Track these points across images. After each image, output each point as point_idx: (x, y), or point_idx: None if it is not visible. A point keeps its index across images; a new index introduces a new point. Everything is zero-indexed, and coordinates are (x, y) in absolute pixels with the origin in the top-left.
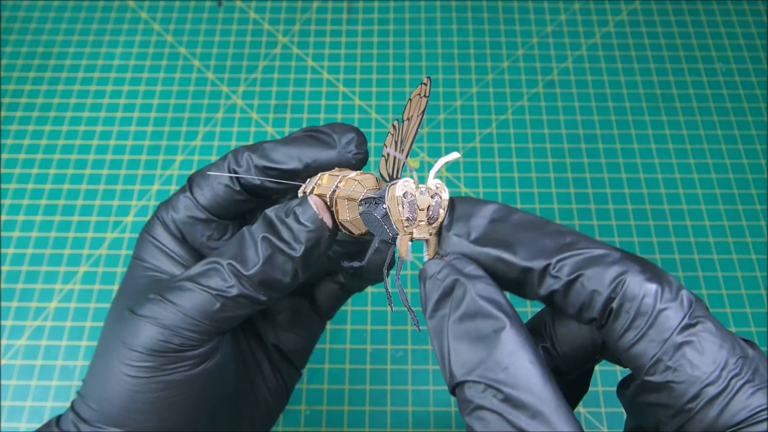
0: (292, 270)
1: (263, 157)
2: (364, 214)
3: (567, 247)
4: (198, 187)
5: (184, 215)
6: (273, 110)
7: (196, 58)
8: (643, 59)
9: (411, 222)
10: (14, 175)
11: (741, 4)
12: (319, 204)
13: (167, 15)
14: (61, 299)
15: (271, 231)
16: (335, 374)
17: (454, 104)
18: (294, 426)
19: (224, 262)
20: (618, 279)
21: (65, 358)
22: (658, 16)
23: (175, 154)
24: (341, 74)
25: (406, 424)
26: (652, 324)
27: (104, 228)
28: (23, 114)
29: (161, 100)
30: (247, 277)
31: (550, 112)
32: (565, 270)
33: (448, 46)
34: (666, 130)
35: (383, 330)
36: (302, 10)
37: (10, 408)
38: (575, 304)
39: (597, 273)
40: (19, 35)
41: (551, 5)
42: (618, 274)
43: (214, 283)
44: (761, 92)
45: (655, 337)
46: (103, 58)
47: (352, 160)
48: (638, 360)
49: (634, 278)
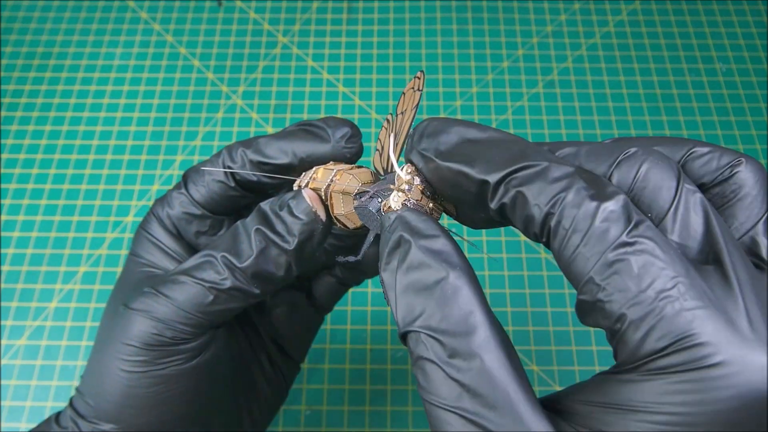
0: (286, 263)
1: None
2: (359, 208)
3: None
4: (193, 183)
5: (179, 211)
6: (273, 110)
7: (196, 58)
8: (643, 59)
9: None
10: (14, 175)
11: (741, 4)
12: (313, 197)
13: (167, 15)
14: (61, 299)
15: (265, 224)
16: (335, 374)
17: (454, 104)
18: (294, 426)
19: (218, 255)
20: (558, 195)
21: (65, 358)
22: (658, 16)
23: (175, 154)
24: (341, 74)
25: (406, 424)
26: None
27: (104, 228)
28: (23, 114)
29: (161, 100)
30: (241, 270)
31: (550, 112)
32: (513, 182)
33: (448, 46)
34: (666, 130)
35: (383, 330)
36: (302, 10)
37: (10, 408)
38: (521, 218)
39: (540, 187)
40: (19, 35)
41: (551, 5)
42: (560, 190)
43: (207, 275)
44: (761, 92)
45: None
46: (103, 58)
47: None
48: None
49: (575, 195)
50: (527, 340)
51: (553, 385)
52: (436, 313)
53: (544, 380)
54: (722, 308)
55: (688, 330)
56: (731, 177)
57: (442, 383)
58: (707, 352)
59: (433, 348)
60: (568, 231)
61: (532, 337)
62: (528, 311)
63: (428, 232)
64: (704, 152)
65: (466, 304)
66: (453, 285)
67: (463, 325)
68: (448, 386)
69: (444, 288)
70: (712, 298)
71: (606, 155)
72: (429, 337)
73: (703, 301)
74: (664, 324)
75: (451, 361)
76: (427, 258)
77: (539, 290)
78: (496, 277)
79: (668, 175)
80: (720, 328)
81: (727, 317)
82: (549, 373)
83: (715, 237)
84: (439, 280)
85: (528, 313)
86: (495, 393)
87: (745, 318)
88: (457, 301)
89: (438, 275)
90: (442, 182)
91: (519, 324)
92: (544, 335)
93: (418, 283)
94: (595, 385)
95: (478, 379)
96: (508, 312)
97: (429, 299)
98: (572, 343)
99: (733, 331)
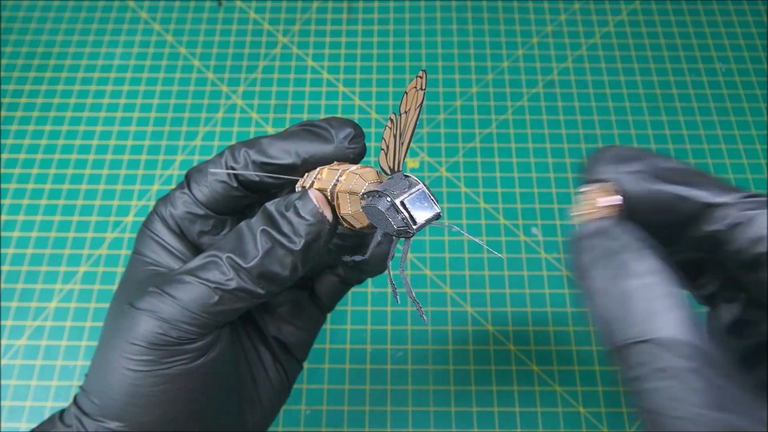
0: (292, 263)
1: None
2: (367, 207)
3: (740, 189)
4: (195, 183)
5: (182, 211)
6: (273, 110)
7: (196, 58)
8: (643, 59)
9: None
10: (14, 175)
11: (741, 4)
12: (320, 198)
13: (167, 15)
14: (61, 299)
15: (271, 224)
16: (335, 374)
17: (454, 104)
18: (294, 426)
19: (223, 256)
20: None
21: (65, 358)
22: (658, 16)
23: (175, 154)
24: (341, 74)
25: (406, 424)
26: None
27: (104, 228)
28: (23, 114)
29: (161, 100)
30: (246, 270)
31: (550, 112)
32: (746, 206)
33: (448, 46)
34: (666, 130)
35: (383, 330)
36: (302, 10)
37: (10, 408)
38: (751, 238)
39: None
40: (19, 35)
41: (551, 5)
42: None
43: (212, 276)
44: (761, 92)
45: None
46: (103, 58)
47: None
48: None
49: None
50: (527, 340)
51: (553, 385)
52: (685, 318)
53: (544, 380)
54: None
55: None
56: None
57: (704, 392)
58: None
59: (690, 354)
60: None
61: (532, 337)
62: (528, 311)
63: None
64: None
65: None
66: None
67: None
68: (712, 393)
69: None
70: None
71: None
72: (684, 345)
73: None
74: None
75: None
76: (652, 268)
77: (539, 290)
78: (496, 277)
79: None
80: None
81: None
82: (549, 373)
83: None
84: (665, 292)
85: (528, 313)
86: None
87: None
88: (678, 307)
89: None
90: (653, 205)
91: (519, 324)
92: (544, 335)
93: (651, 292)
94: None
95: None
96: (508, 312)
97: (672, 307)
98: (572, 343)
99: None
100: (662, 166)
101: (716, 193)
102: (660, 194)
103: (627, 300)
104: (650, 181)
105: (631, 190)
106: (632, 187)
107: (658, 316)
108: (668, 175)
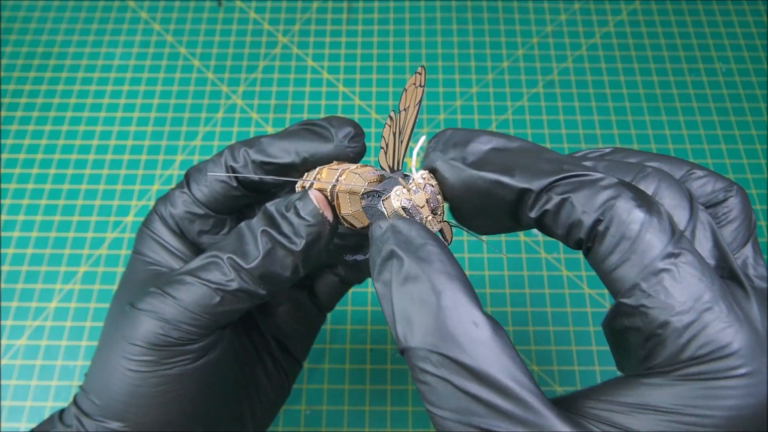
0: (292, 264)
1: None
2: (368, 207)
3: (563, 170)
4: (195, 183)
5: (182, 210)
6: (273, 110)
7: (196, 58)
8: (643, 59)
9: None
10: (14, 175)
11: (741, 4)
12: (320, 198)
13: (167, 15)
14: (61, 299)
15: (272, 225)
16: (335, 374)
17: (454, 104)
18: (294, 426)
19: (224, 256)
20: (608, 203)
21: (65, 358)
22: (658, 16)
23: (175, 154)
24: (341, 74)
25: (406, 424)
26: (635, 249)
27: (104, 228)
28: (23, 114)
29: (161, 100)
30: (247, 271)
31: (550, 112)
32: (558, 189)
33: (448, 46)
34: (666, 130)
35: (383, 330)
36: (302, 10)
37: (10, 408)
38: (564, 224)
39: (588, 195)
40: (19, 35)
41: (551, 5)
42: (609, 198)
43: (213, 277)
44: (761, 92)
45: (636, 262)
46: (103, 58)
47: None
48: (618, 284)
49: (624, 204)
50: (527, 340)
51: (552, 385)
52: (438, 327)
53: (544, 380)
54: (750, 321)
55: (726, 341)
56: (725, 201)
57: (451, 397)
58: (739, 362)
59: (439, 362)
60: (616, 237)
61: (532, 337)
62: (528, 311)
63: (420, 240)
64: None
65: (467, 315)
66: (451, 297)
67: (465, 337)
68: (457, 399)
69: (443, 301)
70: (740, 312)
71: (624, 173)
72: (432, 353)
73: (736, 314)
74: (707, 334)
75: (459, 374)
76: (422, 270)
77: (539, 290)
78: (496, 277)
79: (681, 195)
80: (749, 339)
81: (753, 329)
82: (549, 373)
83: (726, 254)
84: (438, 292)
85: (528, 313)
86: (508, 401)
87: (764, 330)
88: (457, 312)
89: (435, 288)
90: (470, 192)
91: (519, 324)
92: (544, 335)
93: (415, 297)
94: (617, 387)
95: (488, 390)
96: (508, 312)
97: (428, 314)
98: (572, 343)
99: (758, 343)
100: (484, 149)
101: (527, 179)
102: (476, 180)
103: (397, 305)
104: (464, 168)
105: (450, 179)
106: (449, 175)
107: (414, 325)
108: (489, 160)
